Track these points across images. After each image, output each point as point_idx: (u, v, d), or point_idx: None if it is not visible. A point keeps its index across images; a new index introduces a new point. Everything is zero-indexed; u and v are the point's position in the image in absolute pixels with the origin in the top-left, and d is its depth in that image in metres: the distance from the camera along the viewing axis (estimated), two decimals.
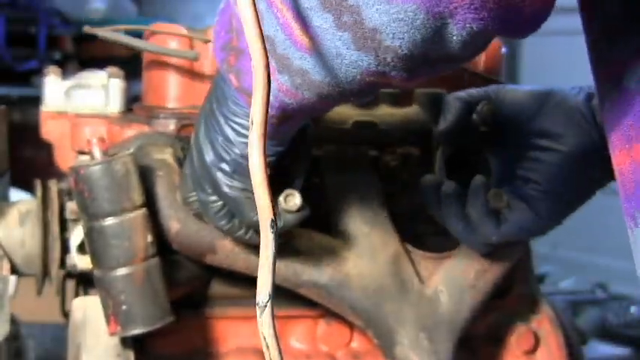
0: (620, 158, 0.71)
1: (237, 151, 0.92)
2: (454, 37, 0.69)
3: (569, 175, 1.02)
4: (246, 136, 0.90)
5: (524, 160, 1.04)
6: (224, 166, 0.93)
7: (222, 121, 0.91)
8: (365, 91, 0.79)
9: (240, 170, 0.92)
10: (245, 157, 0.91)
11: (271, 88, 0.78)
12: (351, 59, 0.73)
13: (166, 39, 1.10)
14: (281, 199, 0.95)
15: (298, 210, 0.96)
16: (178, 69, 1.09)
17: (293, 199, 0.96)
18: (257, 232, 0.98)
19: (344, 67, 0.74)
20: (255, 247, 1.02)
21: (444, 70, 0.75)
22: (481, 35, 0.69)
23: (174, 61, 1.09)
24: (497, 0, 0.65)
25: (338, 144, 1.10)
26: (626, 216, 0.72)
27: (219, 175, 0.94)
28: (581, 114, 1.02)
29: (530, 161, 1.03)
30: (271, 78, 0.77)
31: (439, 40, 0.69)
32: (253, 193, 0.93)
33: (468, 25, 0.67)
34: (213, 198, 0.96)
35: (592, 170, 1.02)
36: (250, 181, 0.92)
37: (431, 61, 0.72)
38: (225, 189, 0.94)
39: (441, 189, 1.04)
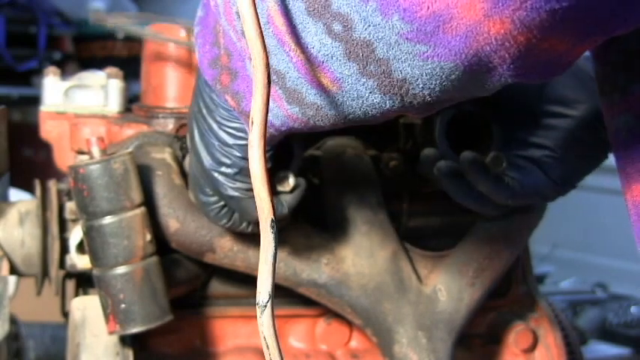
0: (637, 191, 0.70)
1: (237, 153, 0.90)
2: (486, 86, 0.67)
3: (581, 139, 1.02)
4: (243, 139, 0.89)
5: (536, 126, 1.03)
6: (225, 169, 0.92)
7: (215, 127, 0.90)
8: (378, 121, 0.77)
9: (244, 172, 0.90)
10: (246, 158, 0.90)
11: (277, 115, 0.77)
12: (373, 101, 0.71)
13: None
14: (274, 181, 0.95)
15: (293, 189, 0.96)
16: (177, 69, 1.09)
17: (286, 180, 0.96)
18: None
19: (364, 107, 0.72)
20: (255, 244, 1.03)
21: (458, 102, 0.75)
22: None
23: (173, 61, 1.10)
24: (538, 58, 0.62)
25: None
26: None
27: (221, 178, 0.92)
28: (591, 77, 1.00)
29: (543, 127, 1.02)
30: (278, 105, 0.76)
31: (470, 89, 0.68)
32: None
33: (503, 79, 0.65)
34: (214, 199, 0.95)
35: (604, 133, 1.01)
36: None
37: (454, 101, 0.71)
38: (230, 192, 0.93)
39: (436, 167, 1.02)
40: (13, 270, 1.08)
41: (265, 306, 0.67)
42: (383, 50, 0.66)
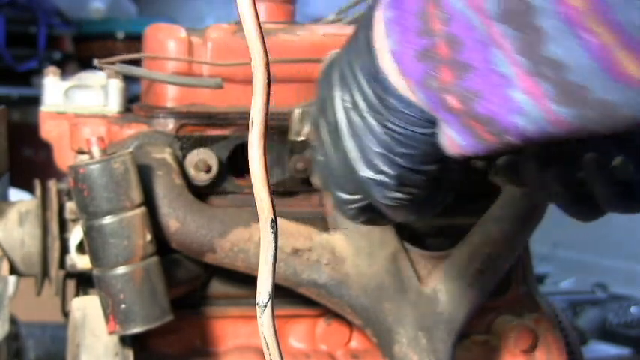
0: None
1: (404, 164, 0.77)
2: None
3: None
4: (415, 148, 0.76)
5: None
6: (383, 178, 0.78)
7: (378, 130, 0.76)
8: None
9: (407, 182, 0.78)
10: (414, 169, 0.77)
11: (534, 117, 0.64)
12: None
13: (165, 40, 1.10)
14: None
15: None
16: (177, 69, 1.09)
17: None
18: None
19: None
20: (255, 244, 1.03)
21: None
22: None
23: (173, 61, 1.10)
24: None
25: None
26: None
27: (377, 187, 0.79)
28: None
29: None
30: (538, 105, 0.64)
31: None
32: (410, 201, 0.80)
33: None
34: (356, 198, 0.83)
35: None
36: (416, 190, 0.79)
37: None
38: (384, 200, 0.80)
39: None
40: (13, 270, 1.08)
41: (265, 306, 0.67)
42: None
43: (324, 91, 0.83)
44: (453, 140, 0.72)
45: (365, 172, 0.79)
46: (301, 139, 1.04)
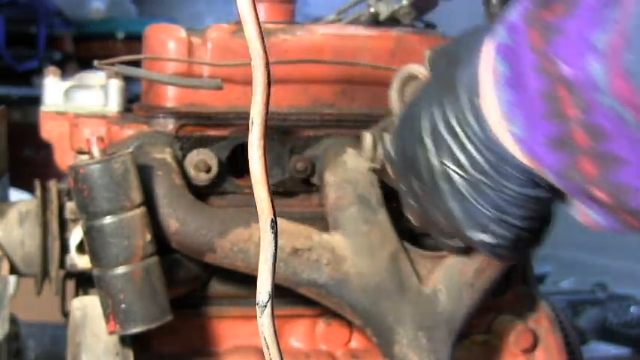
0: None
1: (517, 223, 0.77)
2: None
3: None
4: (526, 208, 0.76)
5: None
6: (492, 240, 0.79)
7: (489, 192, 0.76)
8: None
9: (517, 240, 0.79)
10: (523, 228, 0.78)
11: None
12: None
13: (165, 40, 1.10)
14: None
15: None
16: (177, 69, 1.09)
17: None
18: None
19: None
20: (255, 244, 1.03)
21: None
22: None
23: (173, 61, 1.10)
24: None
25: None
26: None
27: (483, 245, 0.80)
28: None
29: None
30: None
31: None
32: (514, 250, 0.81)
33: None
34: (457, 243, 0.86)
35: None
36: (522, 243, 0.80)
37: None
38: (489, 254, 0.82)
39: None
40: (13, 270, 1.08)
41: (265, 306, 0.67)
42: None
43: (409, 142, 0.81)
44: (592, 219, 0.71)
45: (475, 235, 0.78)
46: (375, 165, 1.04)
